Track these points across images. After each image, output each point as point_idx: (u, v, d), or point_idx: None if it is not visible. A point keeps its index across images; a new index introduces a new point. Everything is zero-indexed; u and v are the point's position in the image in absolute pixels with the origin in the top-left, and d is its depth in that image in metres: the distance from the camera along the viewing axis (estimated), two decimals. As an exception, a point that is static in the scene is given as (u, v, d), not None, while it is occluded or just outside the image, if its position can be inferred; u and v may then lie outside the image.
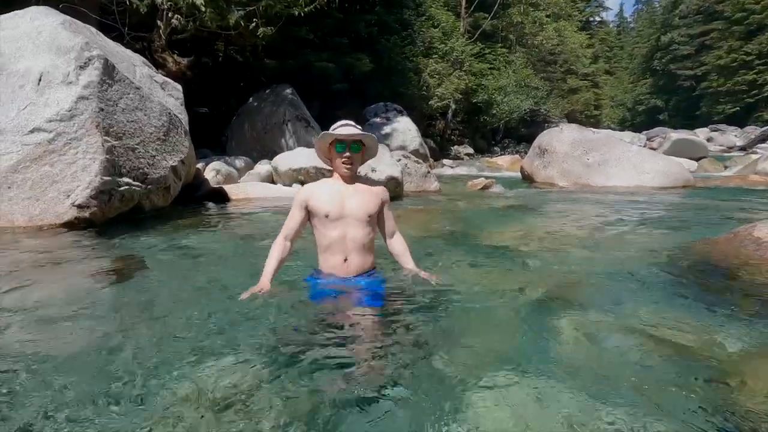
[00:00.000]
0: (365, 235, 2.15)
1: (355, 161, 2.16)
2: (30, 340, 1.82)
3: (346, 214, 2.11)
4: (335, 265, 2.13)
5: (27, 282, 2.58)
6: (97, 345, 1.78)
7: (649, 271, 2.90)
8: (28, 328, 1.94)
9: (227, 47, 11.81)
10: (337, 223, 2.11)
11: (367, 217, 2.14)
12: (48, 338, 1.86)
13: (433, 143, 17.94)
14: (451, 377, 1.55)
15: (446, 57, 20.20)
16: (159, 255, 3.30)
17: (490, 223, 5.05)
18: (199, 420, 1.30)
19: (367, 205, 2.15)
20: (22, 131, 3.91)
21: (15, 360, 1.63)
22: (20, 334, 1.87)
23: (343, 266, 2.13)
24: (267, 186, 7.08)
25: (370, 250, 2.20)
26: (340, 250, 2.12)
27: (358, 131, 2.15)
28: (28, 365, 1.59)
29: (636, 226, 4.55)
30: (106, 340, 1.82)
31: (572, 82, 31.51)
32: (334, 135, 2.13)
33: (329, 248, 2.13)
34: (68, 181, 3.95)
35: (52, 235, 3.73)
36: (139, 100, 4.65)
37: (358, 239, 2.12)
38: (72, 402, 1.37)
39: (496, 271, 2.91)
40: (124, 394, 1.41)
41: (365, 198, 2.17)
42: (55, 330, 1.94)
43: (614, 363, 1.73)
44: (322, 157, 2.29)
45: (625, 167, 8.66)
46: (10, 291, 2.41)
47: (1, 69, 4.11)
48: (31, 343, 1.78)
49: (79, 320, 2.05)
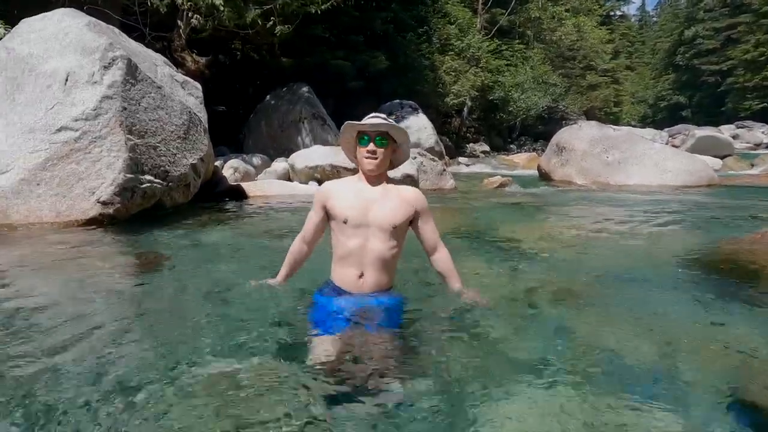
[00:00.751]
0: (387, 249, 1.84)
1: (380, 156, 1.82)
2: (53, 330, 1.88)
3: (368, 222, 1.81)
4: (348, 280, 1.86)
5: (54, 275, 2.68)
6: (117, 336, 1.84)
7: (672, 271, 2.84)
8: (54, 318, 2.00)
9: (244, 46, 11.95)
10: (356, 231, 1.82)
11: (392, 227, 1.82)
12: (71, 329, 1.92)
13: (448, 141, 17.84)
14: (470, 380, 1.55)
15: (462, 54, 20.02)
16: (180, 251, 3.38)
17: (506, 221, 5.01)
18: (212, 412, 1.33)
19: (395, 214, 1.84)
20: (50, 130, 4.03)
21: (39, 347, 1.69)
22: (45, 324, 1.93)
23: (356, 282, 1.85)
24: (283, 183, 7.15)
25: (390, 267, 1.90)
26: (357, 263, 1.83)
27: (384, 122, 1.83)
28: (52, 353, 1.65)
29: (658, 226, 4.45)
30: (127, 332, 1.88)
31: (591, 78, 30.83)
32: (356, 126, 1.86)
33: (344, 259, 1.86)
34: (93, 178, 4.06)
35: (77, 230, 3.84)
36: (161, 99, 4.74)
37: (378, 253, 1.82)
38: (91, 391, 1.42)
39: (514, 271, 2.89)
40: (141, 385, 1.45)
41: (393, 204, 1.85)
42: (79, 321, 2.00)
43: (637, 365, 1.70)
44: (349, 155, 2.00)
45: (646, 165, 8.47)
46: (38, 284, 2.50)
47: (30, 70, 4.25)
48: (54, 333, 1.85)
49: (102, 312, 2.11)
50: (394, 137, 1.88)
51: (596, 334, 1.94)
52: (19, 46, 4.39)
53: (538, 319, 2.10)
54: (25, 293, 2.35)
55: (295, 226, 2.26)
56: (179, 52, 10.45)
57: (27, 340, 1.77)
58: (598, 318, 2.09)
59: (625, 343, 1.89)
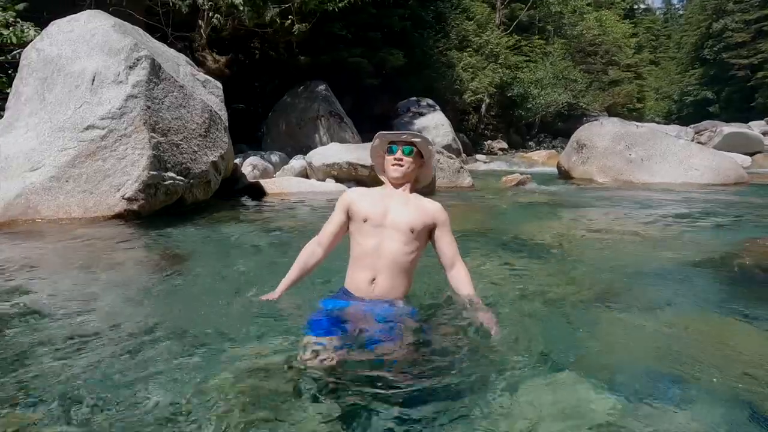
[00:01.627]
0: (403, 254, 1.82)
1: (406, 164, 1.88)
2: (79, 322, 1.95)
3: (387, 224, 1.83)
4: (360, 283, 1.83)
5: (83, 268, 2.77)
6: (138, 328, 1.89)
7: (698, 271, 2.77)
8: (80, 309, 2.07)
9: (263, 45, 12.08)
10: (375, 231, 1.83)
11: (410, 230, 1.83)
12: (96, 319, 1.99)
13: (466, 138, 17.71)
14: (489, 379, 1.54)
15: (480, 50, 19.81)
16: (201, 247, 3.45)
17: (525, 220, 4.95)
18: (228, 406, 1.36)
19: (413, 217, 1.85)
20: (78, 128, 4.16)
21: (68, 336, 1.76)
22: (72, 315, 2.00)
23: (368, 287, 1.82)
24: (301, 181, 7.22)
25: (405, 274, 1.86)
26: (370, 265, 1.82)
27: (410, 133, 1.94)
28: (77, 342, 1.71)
29: (684, 225, 4.33)
30: (148, 325, 1.92)
31: (614, 73, 30.08)
32: (387, 135, 1.94)
33: (359, 261, 1.85)
34: (119, 175, 4.18)
35: (104, 225, 3.96)
36: (183, 98, 4.84)
37: (393, 255, 1.81)
38: (111, 379, 1.47)
39: (533, 270, 2.85)
40: (159, 376, 1.49)
41: (413, 209, 1.87)
42: (103, 312, 2.07)
43: (658, 366, 1.67)
44: (378, 166, 2.06)
45: (671, 163, 8.25)
46: (67, 276, 2.60)
47: (59, 70, 4.39)
48: (80, 324, 1.91)
49: (126, 306, 2.18)
50: (421, 151, 1.93)
51: (617, 335, 1.91)
52: (48, 47, 4.54)
53: (557, 318, 2.07)
54: (54, 285, 2.44)
55: (313, 223, 2.29)
56: (200, 52, 10.63)
57: (55, 330, 1.84)
58: (620, 319, 2.05)
59: (647, 344, 1.85)
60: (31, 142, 4.17)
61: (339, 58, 12.39)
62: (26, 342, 1.73)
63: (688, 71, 51.77)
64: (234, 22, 9.41)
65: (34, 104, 4.37)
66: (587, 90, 24.61)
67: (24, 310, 2.06)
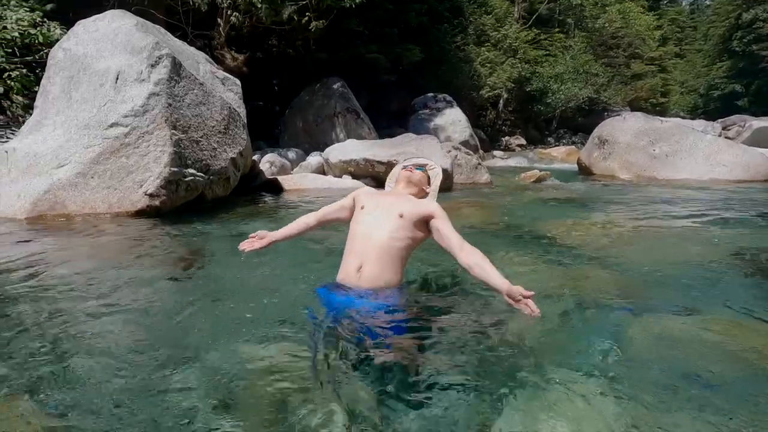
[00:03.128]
0: (391, 239, 1.85)
1: (416, 176, 2.14)
2: (101, 319, 1.99)
3: (378, 210, 1.93)
4: (348, 270, 1.87)
5: (107, 262, 2.84)
6: (160, 322, 1.93)
7: (726, 272, 2.67)
8: (103, 305, 2.12)
9: (280, 42, 12.15)
10: (367, 219, 1.93)
11: (399, 215, 1.88)
12: (117, 315, 2.03)
13: (483, 134, 17.50)
14: (505, 379, 1.52)
15: (499, 45, 19.52)
16: (221, 242, 3.50)
17: (545, 217, 4.86)
18: (247, 400, 1.37)
19: (404, 205, 1.93)
20: (103, 126, 4.26)
21: (86, 331, 1.80)
22: (94, 310, 2.05)
23: (355, 274, 1.85)
24: (318, 177, 7.25)
25: (392, 264, 1.86)
26: (359, 252, 1.87)
27: (422, 161, 2.31)
28: (103, 333, 1.75)
29: (710, 223, 4.19)
30: (170, 317, 1.96)
31: (637, 67, 29.21)
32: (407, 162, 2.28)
33: (350, 247, 1.93)
34: (141, 171, 4.27)
35: (127, 221, 4.06)
36: (203, 96, 4.91)
37: (381, 241, 1.85)
38: (132, 372, 1.50)
39: (552, 268, 2.80)
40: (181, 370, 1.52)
41: (405, 200, 1.99)
42: (125, 307, 2.11)
43: (680, 369, 1.61)
44: (390, 182, 2.36)
45: (697, 159, 7.99)
46: (93, 270, 2.66)
47: (85, 69, 4.50)
48: (102, 320, 1.96)
49: (147, 300, 2.22)
50: (430, 179, 2.21)
51: (639, 337, 1.85)
52: (74, 46, 4.65)
53: (578, 317, 2.03)
54: (79, 279, 2.51)
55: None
56: (219, 50, 10.77)
57: (77, 325, 1.89)
58: (642, 321, 1.99)
59: (670, 347, 1.79)
60: (59, 139, 4.29)
61: (356, 54, 12.38)
62: (51, 334, 1.78)
63: (715, 64, 49.90)
64: (252, 20, 9.50)
65: (61, 102, 4.49)
66: (609, 84, 23.98)
67: (49, 305, 2.12)
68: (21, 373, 1.49)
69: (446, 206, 2.08)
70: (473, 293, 2.14)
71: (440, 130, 13.04)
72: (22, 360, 1.58)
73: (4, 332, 1.78)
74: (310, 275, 2.36)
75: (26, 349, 1.65)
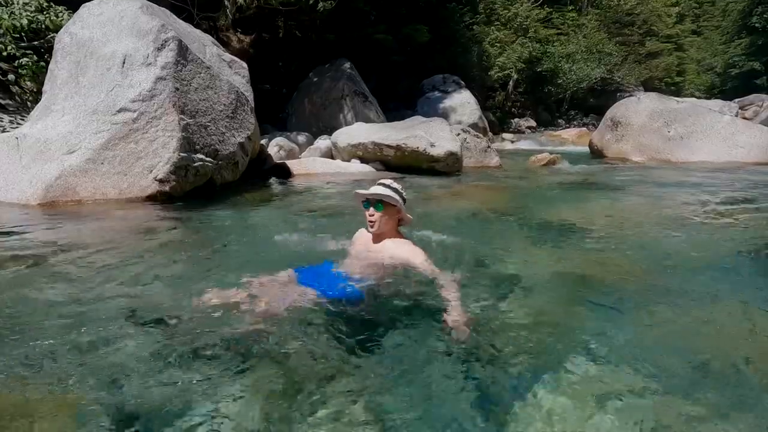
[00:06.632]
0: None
1: (377, 220, 2.07)
2: (113, 303, 2.01)
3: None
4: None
5: (119, 247, 2.86)
6: (172, 303, 1.94)
7: (743, 258, 2.61)
8: (115, 291, 2.14)
9: (287, 23, 11.95)
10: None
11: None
12: (128, 300, 2.05)
13: (492, 116, 17.23)
14: (515, 367, 1.51)
15: (509, 24, 19.02)
16: (231, 228, 3.50)
17: (556, 201, 4.80)
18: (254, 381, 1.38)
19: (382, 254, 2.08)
20: (111, 111, 4.25)
21: (98, 317, 1.82)
22: (105, 295, 2.07)
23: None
24: (327, 161, 7.21)
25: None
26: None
27: (378, 190, 2.08)
28: (111, 322, 1.77)
29: (727, 207, 4.10)
30: (178, 303, 1.97)
31: (652, 45, 28.31)
32: (359, 195, 2.12)
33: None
34: (150, 157, 4.26)
35: (138, 207, 4.08)
36: (210, 79, 4.86)
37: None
38: (146, 355, 1.51)
39: (563, 254, 2.76)
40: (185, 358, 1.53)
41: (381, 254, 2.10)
42: (136, 293, 2.13)
43: (700, 359, 1.59)
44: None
45: (713, 140, 7.80)
46: (105, 254, 2.68)
47: (91, 53, 4.46)
48: (114, 306, 1.98)
49: (158, 285, 2.24)
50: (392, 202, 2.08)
51: (652, 324, 1.83)
52: (80, 30, 4.61)
53: (587, 304, 2.00)
54: (91, 265, 2.53)
55: (338, 205, 2.27)
56: (225, 32, 10.63)
57: (88, 310, 1.91)
58: (656, 308, 1.96)
59: (681, 335, 1.77)
60: (68, 125, 4.29)
61: (363, 35, 12.14)
62: (66, 319, 1.80)
63: (733, 41, 48.17)
64: (259, 1, 9.33)
65: (69, 87, 4.47)
66: (623, 63, 23.34)
67: (62, 290, 2.14)
68: (43, 355, 1.52)
69: (455, 191, 2.06)
70: (483, 285, 2.12)
71: (449, 112, 12.85)
72: (48, 345, 1.60)
73: (28, 317, 1.81)
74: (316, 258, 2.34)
75: (48, 333, 1.67)
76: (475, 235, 2.96)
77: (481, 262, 2.29)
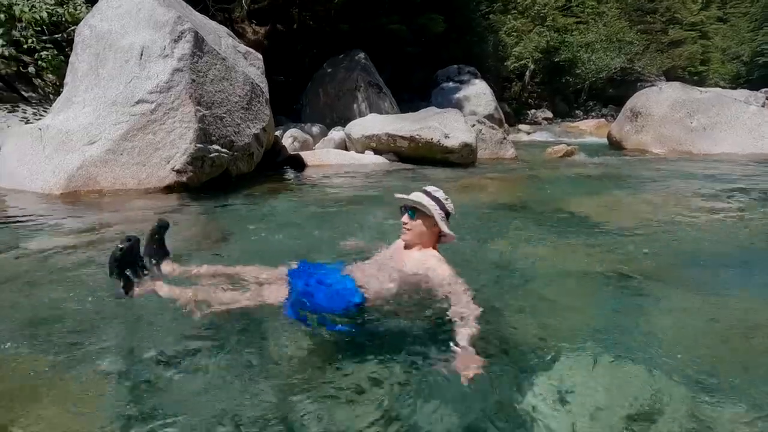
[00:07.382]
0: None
1: (412, 228, 1.85)
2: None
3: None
4: None
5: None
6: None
7: (765, 254, 2.54)
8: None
9: (301, 14, 11.93)
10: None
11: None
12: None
13: (508, 107, 16.98)
14: (529, 357, 1.50)
15: (526, 12, 18.64)
16: (247, 218, 3.55)
17: (573, 194, 4.72)
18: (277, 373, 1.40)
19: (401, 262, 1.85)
20: (129, 102, 4.32)
21: (114, 311, 1.87)
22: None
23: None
24: (341, 153, 7.22)
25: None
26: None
27: (415, 197, 1.86)
28: (129, 312, 1.81)
29: (752, 201, 3.98)
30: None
31: (675, 33, 27.42)
32: (398, 200, 1.91)
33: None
34: (168, 148, 4.33)
35: (156, 197, 4.16)
36: (225, 71, 4.89)
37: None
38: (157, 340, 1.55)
39: (580, 247, 2.72)
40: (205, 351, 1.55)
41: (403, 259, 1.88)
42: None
43: (707, 352, 1.56)
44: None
45: (738, 132, 7.55)
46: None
47: (110, 45, 4.53)
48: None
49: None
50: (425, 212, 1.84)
51: (669, 320, 1.79)
52: (99, 23, 4.67)
53: (604, 297, 1.98)
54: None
55: (353, 196, 2.27)
56: (240, 23, 10.67)
57: (107, 305, 1.96)
58: (674, 304, 1.92)
59: (700, 331, 1.73)
60: (89, 116, 4.37)
61: (378, 25, 12.05)
62: (90, 310, 1.86)
63: (762, 28, 46.26)
64: (273, -8, 9.32)
65: (89, 79, 4.56)
66: (644, 53, 22.68)
67: (85, 282, 2.20)
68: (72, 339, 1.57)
69: (469, 182, 2.00)
70: (496, 276, 2.11)
71: (464, 103, 12.70)
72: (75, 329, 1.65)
73: (58, 305, 1.87)
74: (332, 252, 2.36)
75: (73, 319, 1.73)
76: (489, 228, 2.94)
77: (495, 255, 2.28)
